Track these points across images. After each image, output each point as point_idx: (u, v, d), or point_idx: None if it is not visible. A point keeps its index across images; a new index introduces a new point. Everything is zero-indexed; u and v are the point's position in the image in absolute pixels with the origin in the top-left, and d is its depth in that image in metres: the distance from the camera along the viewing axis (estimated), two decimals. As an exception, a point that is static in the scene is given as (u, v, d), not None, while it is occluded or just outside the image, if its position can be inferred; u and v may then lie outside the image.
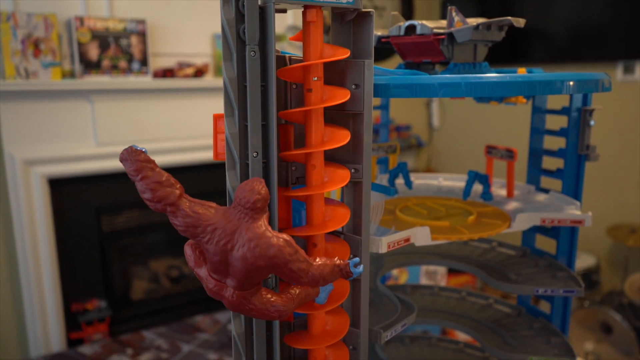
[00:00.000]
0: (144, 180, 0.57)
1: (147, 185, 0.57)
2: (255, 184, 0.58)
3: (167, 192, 0.57)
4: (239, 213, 0.58)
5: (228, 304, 0.61)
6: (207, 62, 2.60)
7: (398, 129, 3.57)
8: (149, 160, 0.58)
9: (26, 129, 2.17)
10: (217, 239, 0.58)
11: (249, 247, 0.57)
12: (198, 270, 0.62)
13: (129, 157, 0.57)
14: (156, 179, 0.57)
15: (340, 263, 0.62)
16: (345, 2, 0.64)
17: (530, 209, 1.00)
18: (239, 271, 0.58)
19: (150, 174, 0.57)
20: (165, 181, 0.58)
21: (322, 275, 0.61)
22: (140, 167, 0.57)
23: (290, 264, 0.58)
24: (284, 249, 0.57)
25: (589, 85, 0.78)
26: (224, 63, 0.64)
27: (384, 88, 0.71)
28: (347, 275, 0.63)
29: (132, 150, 0.57)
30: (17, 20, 2.06)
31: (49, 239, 2.28)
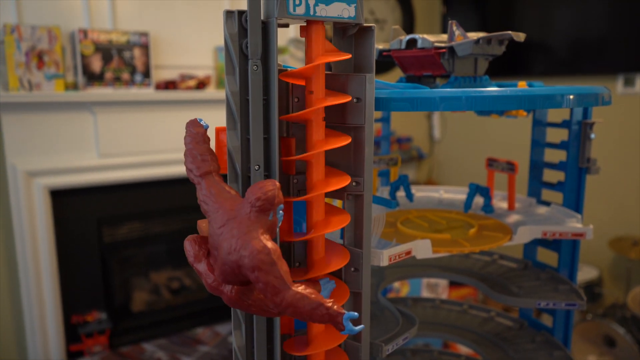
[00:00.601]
0: (189, 147, 0.62)
1: (189, 152, 0.62)
2: (267, 183, 0.58)
3: (200, 164, 0.61)
4: (244, 206, 0.58)
5: (227, 300, 0.61)
6: (210, 74, 2.62)
7: (399, 141, 3.58)
8: (204, 133, 0.63)
9: (29, 141, 2.18)
10: (215, 220, 0.59)
11: (231, 238, 0.57)
12: (197, 265, 0.62)
13: (190, 126, 0.64)
14: (198, 150, 0.62)
15: (331, 308, 0.55)
16: (347, 17, 0.65)
17: (532, 221, 1.00)
18: (218, 260, 0.59)
19: (196, 145, 0.62)
20: (204, 154, 0.62)
21: (297, 305, 0.55)
22: (192, 136, 0.63)
23: (259, 272, 0.54)
24: (259, 254, 0.54)
25: (589, 99, 0.78)
26: (227, 77, 0.64)
27: (385, 102, 0.72)
28: (337, 327, 0.56)
29: (194, 121, 0.64)
30: (22, 32, 2.08)
31: (50, 250, 2.28)
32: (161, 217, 2.67)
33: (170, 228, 2.70)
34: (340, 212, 0.71)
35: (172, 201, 2.60)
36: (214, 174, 0.62)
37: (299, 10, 0.61)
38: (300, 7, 0.61)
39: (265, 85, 0.64)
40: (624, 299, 2.57)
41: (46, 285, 2.28)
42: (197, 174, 0.61)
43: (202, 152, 0.62)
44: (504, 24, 3.30)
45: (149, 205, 2.58)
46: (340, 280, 0.73)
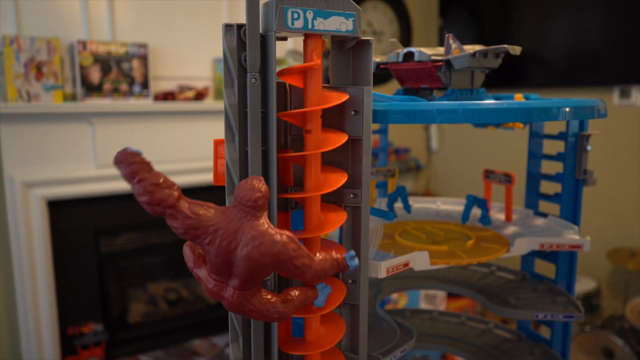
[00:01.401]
0: (141, 182, 0.55)
1: (144, 188, 0.55)
2: (255, 182, 0.58)
3: (165, 194, 0.55)
4: (240, 212, 0.57)
5: (228, 305, 0.61)
6: (208, 85, 2.63)
7: (397, 152, 3.58)
8: (145, 162, 0.56)
9: (26, 151, 2.18)
10: (220, 239, 0.57)
11: (253, 245, 0.57)
12: (197, 271, 0.62)
13: (124, 159, 0.56)
14: (153, 181, 0.55)
15: (338, 257, 0.64)
16: (345, 31, 0.65)
17: (529, 233, 1.00)
18: (243, 270, 0.58)
19: (147, 176, 0.55)
20: (163, 183, 0.55)
21: (324, 269, 0.62)
22: (136, 170, 0.55)
23: (295, 259, 0.58)
24: (288, 245, 0.58)
25: (585, 112, 0.79)
26: (225, 90, 0.65)
27: (383, 114, 0.72)
28: (344, 269, 0.64)
29: (126, 152, 0.56)
30: (21, 44, 2.09)
31: (47, 261, 2.27)
32: (158, 228, 2.66)
33: (168, 239, 2.69)
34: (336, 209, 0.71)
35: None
36: (182, 196, 0.57)
37: (297, 24, 0.62)
38: (299, 20, 0.62)
39: (263, 98, 0.64)
40: (622, 310, 2.56)
41: (42, 296, 2.27)
42: (168, 205, 0.56)
43: (158, 181, 0.55)
44: (501, 36, 3.33)
45: (147, 216, 2.56)
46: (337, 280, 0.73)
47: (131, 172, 0.55)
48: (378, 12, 3.51)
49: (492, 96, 0.98)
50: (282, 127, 0.71)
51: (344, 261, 0.64)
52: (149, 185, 0.55)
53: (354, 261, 0.64)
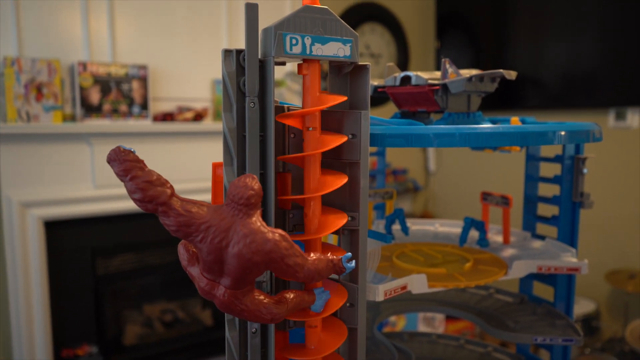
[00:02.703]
0: (134, 180, 0.55)
1: (137, 185, 0.55)
2: (248, 179, 0.57)
3: (158, 191, 0.56)
4: (233, 210, 0.57)
5: (219, 304, 0.60)
6: (207, 106, 2.64)
7: (395, 173, 3.60)
8: (138, 159, 0.56)
9: (25, 172, 2.19)
10: (212, 237, 0.56)
11: (244, 243, 0.56)
12: (191, 269, 0.62)
13: (117, 157, 0.56)
14: (146, 178, 0.56)
15: (334, 258, 0.62)
16: (342, 56, 0.66)
17: (527, 256, 1.00)
18: (234, 268, 0.57)
19: (140, 173, 0.56)
20: (156, 180, 0.56)
21: (317, 270, 0.60)
22: (129, 167, 0.56)
23: (287, 258, 0.57)
24: (280, 243, 0.57)
25: (580, 136, 0.80)
26: (224, 114, 0.65)
27: (380, 138, 0.73)
28: (340, 271, 0.63)
29: (120, 150, 0.56)
30: (22, 65, 2.11)
31: (42, 282, 2.25)
32: (155, 248, 2.65)
33: (165, 260, 2.68)
34: (336, 251, 0.71)
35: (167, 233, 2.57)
36: (174, 194, 0.58)
37: (295, 50, 0.63)
38: (297, 46, 0.63)
39: (262, 122, 0.65)
40: (622, 332, 2.55)
41: (37, 317, 2.25)
42: (161, 202, 0.56)
43: (152, 178, 0.56)
44: (497, 58, 3.37)
45: (144, 236, 2.57)
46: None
47: (124, 170, 0.55)
48: (376, 35, 3.55)
49: (488, 119, 0.99)
50: (281, 151, 0.71)
51: (340, 263, 0.62)
52: (141, 182, 0.55)
53: (351, 264, 0.63)
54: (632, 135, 2.73)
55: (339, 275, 0.65)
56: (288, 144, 0.71)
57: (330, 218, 0.69)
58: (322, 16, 0.64)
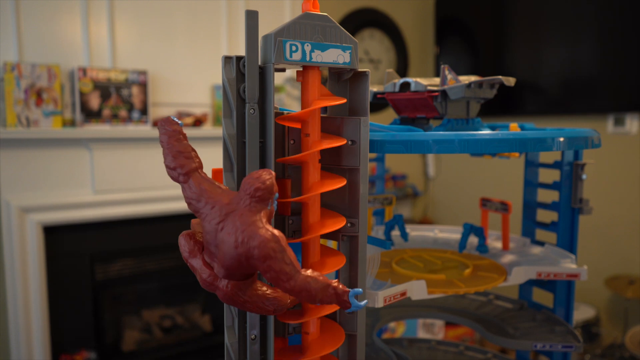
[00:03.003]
0: (168, 147, 0.60)
1: (169, 151, 0.60)
2: (263, 173, 0.58)
3: (184, 162, 0.60)
4: (241, 198, 0.58)
5: (222, 295, 0.60)
6: (207, 111, 2.65)
7: (394, 178, 3.60)
8: (181, 131, 0.61)
9: (24, 177, 2.19)
10: (212, 216, 0.58)
11: (235, 231, 0.56)
12: (192, 261, 0.62)
13: (164, 124, 0.61)
14: (179, 148, 0.60)
15: (337, 287, 0.58)
16: (342, 63, 0.66)
17: (526, 262, 1.00)
18: (221, 255, 0.57)
19: (175, 143, 0.60)
20: (186, 152, 0.60)
21: (308, 288, 0.56)
22: (170, 134, 0.60)
23: (271, 260, 0.55)
24: (268, 242, 0.55)
25: (579, 142, 0.80)
26: (224, 120, 0.65)
27: (380, 144, 0.73)
28: (343, 305, 0.58)
29: (168, 119, 0.61)
30: (22, 70, 2.11)
31: (41, 288, 2.24)
32: (154, 254, 2.65)
33: (164, 265, 2.68)
34: (335, 254, 0.71)
35: (166, 238, 2.58)
36: (200, 171, 0.61)
37: (295, 57, 0.63)
38: (297, 53, 0.63)
39: (261, 128, 0.65)
40: (622, 339, 2.54)
41: (35, 322, 2.24)
42: (183, 172, 0.60)
43: (184, 150, 0.60)
44: (496, 64, 3.38)
45: (143, 241, 2.57)
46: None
47: (164, 134, 0.61)
48: (375, 41, 3.56)
49: (487, 125, 0.99)
50: (280, 157, 0.71)
51: (345, 296, 0.58)
52: (173, 150, 0.60)
53: (360, 303, 0.58)
54: (631, 141, 2.73)
55: (341, 308, 0.60)
56: (288, 150, 0.71)
57: (328, 220, 0.69)
58: (322, 23, 0.65)
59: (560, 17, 2.95)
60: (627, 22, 2.67)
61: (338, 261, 0.69)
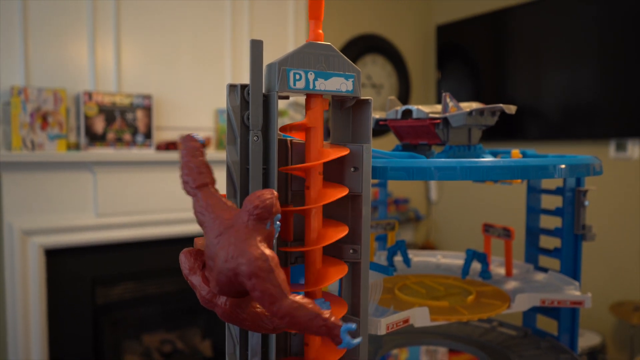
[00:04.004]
0: (185, 160, 0.62)
1: (185, 165, 0.62)
2: (265, 192, 0.58)
3: (197, 177, 0.61)
4: (241, 216, 0.58)
5: (221, 313, 0.60)
6: (210, 135, 2.67)
7: (396, 202, 3.60)
8: (199, 147, 0.62)
9: (27, 199, 2.19)
10: (213, 229, 0.58)
11: (228, 246, 0.56)
12: (192, 278, 0.62)
13: (185, 140, 0.63)
14: (194, 163, 0.61)
15: (329, 320, 0.54)
16: (345, 91, 0.67)
17: (530, 288, 1.00)
18: (215, 269, 0.57)
19: (191, 158, 0.62)
20: (199, 168, 0.61)
21: (294, 316, 0.53)
22: (189, 150, 0.62)
23: (257, 279, 0.53)
24: (256, 261, 0.53)
25: (581, 170, 0.80)
26: (228, 146, 0.66)
27: (382, 170, 0.74)
28: (335, 341, 0.55)
29: (189, 136, 0.63)
30: (28, 94, 2.14)
31: (41, 311, 2.23)
32: (155, 278, 2.63)
33: (165, 289, 2.66)
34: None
35: (168, 262, 2.57)
36: (210, 186, 0.62)
37: (299, 85, 0.64)
38: (300, 81, 0.64)
39: (265, 155, 0.66)
40: (628, 366, 2.50)
41: (35, 346, 2.22)
42: (194, 186, 0.61)
43: (199, 165, 0.62)
44: (497, 89, 3.41)
45: (144, 265, 2.56)
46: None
47: (184, 149, 0.62)
48: (377, 66, 3.61)
49: (489, 151, 0.99)
50: (283, 183, 0.72)
51: (337, 330, 0.54)
52: (188, 165, 0.61)
53: (350, 339, 0.54)
54: (633, 166, 2.74)
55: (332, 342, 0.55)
56: (290, 177, 0.72)
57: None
58: (326, 52, 0.66)
59: (561, 43, 2.99)
60: (627, 47, 2.71)
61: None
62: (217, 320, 2.79)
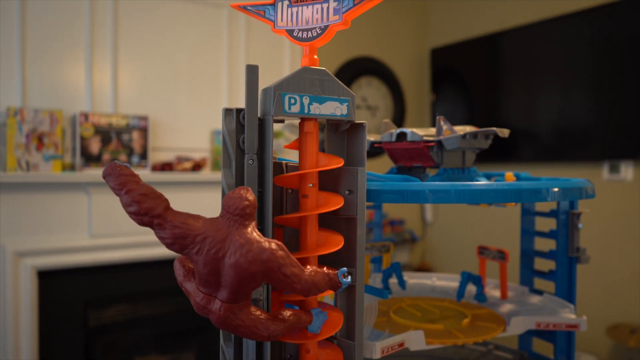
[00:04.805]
0: (129, 193, 0.56)
1: (132, 198, 0.56)
2: (242, 191, 0.58)
3: (153, 203, 0.57)
4: (228, 221, 0.57)
5: (215, 319, 0.59)
6: (206, 156, 2.67)
7: (392, 224, 3.59)
8: (133, 174, 0.58)
9: (21, 220, 2.18)
10: (208, 248, 0.56)
11: (241, 252, 0.56)
12: (186, 285, 0.61)
13: (113, 171, 0.57)
14: (142, 191, 0.57)
15: (330, 272, 0.62)
16: (339, 115, 0.68)
17: (525, 311, 1.00)
18: (231, 279, 0.56)
19: (135, 186, 0.57)
20: (151, 193, 0.57)
21: (314, 281, 0.60)
22: (124, 181, 0.57)
23: (284, 267, 0.57)
24: (276, 252, 0.57)
25: (574, 193, 0.81)
26: (223, 170, 0.66)
27: (377, 194, 0.74)
28: (336, 286, 0.62)
29: (115, 165, 0.58)
30: (24, 115, 2.14)
31: (32, 334, 2.20)
32: (148, 300, 2.61)
33: (158, 311, 2.63)
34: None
35: (161, 283, 2.55)
36: (170, 208, 0.58)
37: (294, 109, 0.65)
38: (295, 105, 0.65)
39: (260, 178, 0.66)
40: (625, 390, 2.48)
41: (25, 371, 2.18)
42: (156, 214, 0.57)
43: (148, 191, 0.57)
44: (491, 111, 3.44)
45: (138, 286, 2.54)
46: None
47: (120, 184, 0.57)
48: (372, 88, 3.64)
49: (483, 174, 1.00)
50: (278, 207, 0.72)
51: (336, 277, 0.62)
52: (137, 195, 0.56)
53: (347, 279, 0.63)
54: (626, 188, 2.75)
55: (335, 290, 0.64)
56: (286, 200, 0.72)
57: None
58: (320, 77, 0.67)
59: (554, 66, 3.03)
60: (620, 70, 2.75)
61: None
62: (210, 343, 2.76)
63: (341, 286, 0.63)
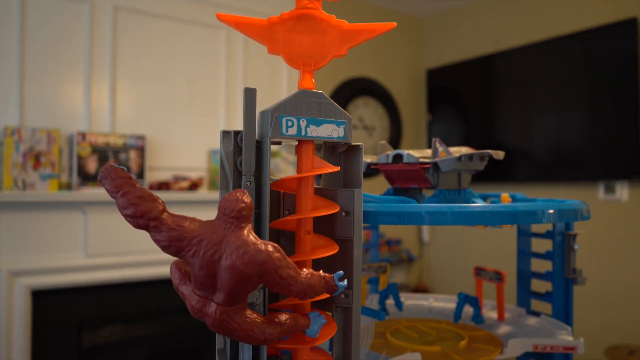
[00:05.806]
0: (126, 195, 0.56)
1: (128, 201, 0.56)
2: (238, 193, 0.58)
3: (149, 206, 0.56)
4: (224, 223, 0.57)
5: (211, 323, 0.59)
6: (203, 175, 2.67)
7: (389, 243, 3.59)
8: (130, 176, 0.57)
9: (16, 240, 2.17)
10: (204, 250, 0.56)
11: (237, 254, 0.55)
12: (182, 288, 0.61)
13: (109, 174, 0.57)
14: (138, 194, 0.56)
15: (326, 275, 0.62)
16: (336, 137, 0.69)
17: (522, 333, 0.99)
18: (227, 282, 0.56)
19: (132, 189, 0.56)
20: (147, 196, 0.57)
21: (311, 284, 0.60)
22: (120, 184, 0.56)
23: (280, 269, 0.57)
24: (272, 254, 0.57)
25: (569, 215, 0.81)
26: (220, 191, 0.67)
27: (373, 215, 0.74)
28: (332, 289, 0.62)
29: (112, 167, 0.57)
30: (22, 135, 2.15)
31: (25, 354, 2.17)
32: (143, 320, 2.58)
33: (152, 332, 2.61)
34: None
35: (156, 303, 2.53)
36: (167, 210, 0.58)
37: (291, 131, 0.65)
38: (293, 128, 0.66)
39: (257, 199, 0.66)
40: (625, 412, 2.45)
41: (16, 393, 2.15)
42: (152, 217, 0.56)
43: (144, 194, 0.57)
44: (487, 132, 3.47)
45: (132, 306, 2.51)
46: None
47: (116, 186, 0.56)
48: (369, 108, 3.67)
49: (479, 195, 1.01)
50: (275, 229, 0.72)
51: (332, 281, 0.62)
52: (133, 197, 0.56)
53: (343, 282, 0.62)
54: (622, 208, 2.76)
55: (331, 294, 0.63)
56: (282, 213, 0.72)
57: None
58: (317, 100, 0.68)
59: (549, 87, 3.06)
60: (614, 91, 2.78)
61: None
62: (206, 364, 2.72)
63: (337, 289, 0.63)
